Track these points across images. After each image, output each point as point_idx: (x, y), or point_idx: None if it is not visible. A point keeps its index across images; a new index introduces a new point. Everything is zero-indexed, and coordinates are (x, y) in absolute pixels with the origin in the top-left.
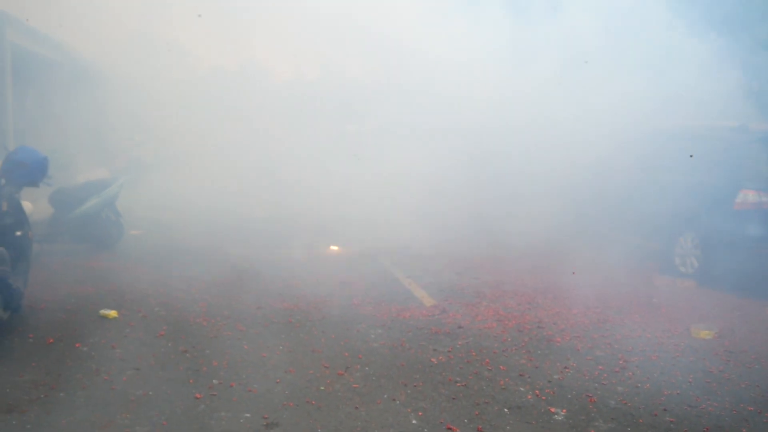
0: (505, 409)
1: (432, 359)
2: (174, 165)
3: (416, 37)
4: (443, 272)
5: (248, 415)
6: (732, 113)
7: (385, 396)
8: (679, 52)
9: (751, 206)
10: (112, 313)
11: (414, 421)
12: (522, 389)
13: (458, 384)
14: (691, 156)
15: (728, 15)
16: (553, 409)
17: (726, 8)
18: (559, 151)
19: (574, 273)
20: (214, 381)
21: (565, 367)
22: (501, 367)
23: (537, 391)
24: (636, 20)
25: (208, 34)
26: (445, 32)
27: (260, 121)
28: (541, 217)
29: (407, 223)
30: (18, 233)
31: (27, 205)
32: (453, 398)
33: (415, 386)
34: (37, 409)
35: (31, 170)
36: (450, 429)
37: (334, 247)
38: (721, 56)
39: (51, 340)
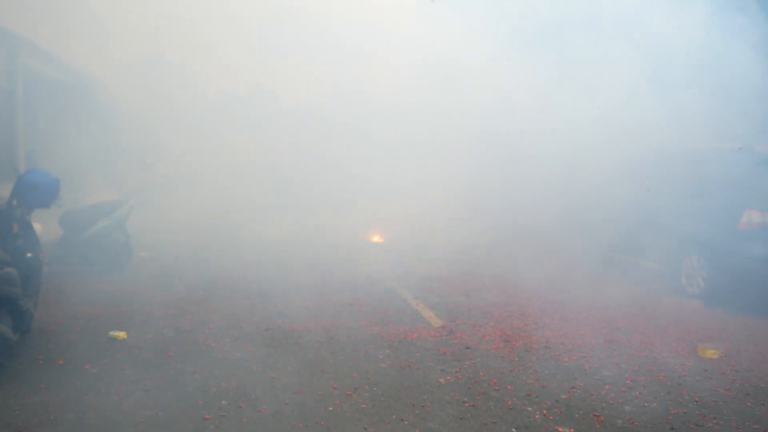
0: (513, 429)
1: (440, 380)
2: (183, 186)
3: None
4: (451, 293)
5: None
6: (736, 134)
7: (394, 416)
8: (689, 74)
9: (756, 226)
10: (122, 335)
11: None
12: (530, 409)
13: (466, 404)
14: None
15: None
16: (560, 429)
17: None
18: (566, 174)
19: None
20: (223, 402)
21: (573, 387)
22: (508, 387)
23: (545, 411)
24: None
25: (217, 57)
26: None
27: (269, 141)
28: (548, 239)
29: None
30: (29, 255)
31: (37, 227)
32: (461, 418)
33: (423, 406)
34: (47, 430)
35: (43, 192)
36: None
37: (340, 269)
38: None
39: (61, 362)
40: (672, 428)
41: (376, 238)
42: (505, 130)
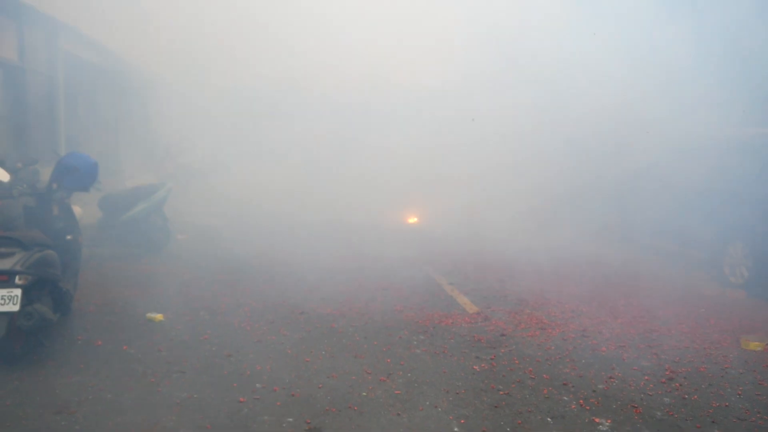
0: (549, 419)
1: (474, 367)
2: (221, 171)
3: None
4: (486, 279)
5: (291, 419)
6: None
7: (427, 403)
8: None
9: None
10: (159, 317)
11: (456, 429)
12: (566, 398)
13: (501, 392)
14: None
15: None
16: (597, 420)
17: None
18: (610, 159)
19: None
20: (257, 385)
21: (610, 377)
22: (544, 375)
23: (581, 401)
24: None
25: (254, 42)
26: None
27: (306, 127)
28: (585, 225)
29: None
30: (68, 237)
31: (77, 210)
32: (495, 406)
33: (457, 393)
34: (85, 410)
35: (82, 175)
36: None
37: (374, 253)
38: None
39: (99, 343)
40: (713, 422)
41: (412, 221)
42: (558, 118)
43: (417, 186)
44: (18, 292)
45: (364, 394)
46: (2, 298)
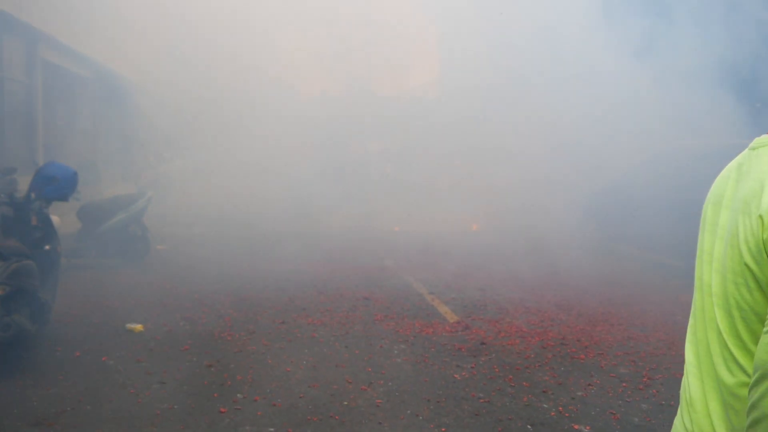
0: (528, 426)
1: (455, 375)
2: (200, 180)
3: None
4: (466, 288)
5: (272, 429)
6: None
7: (408, 412)
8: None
9: None
10: (138, 327)
11: None
12: (545, 406)
13: (481, 400)
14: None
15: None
16: (576, 426)
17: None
18: (583, 167)
19: (595, 289)
20: (238, 395)
21: (589, 384)
22: (524, 383)
23: (560, 408)
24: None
25: (233, 48)
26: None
27: (286, 135)
28: (563, 234)
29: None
30: (47, 247)
31: (55, 220)
32: (476, 414)
33: (438, 402)
34: (64, 422)
35: (61, 185)
36: None
37: (356, 262)
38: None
39: (78, 354)
40: None
41: (396, 228)
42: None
43: (400, 192)
44: None
45: (346, 403)
46: None
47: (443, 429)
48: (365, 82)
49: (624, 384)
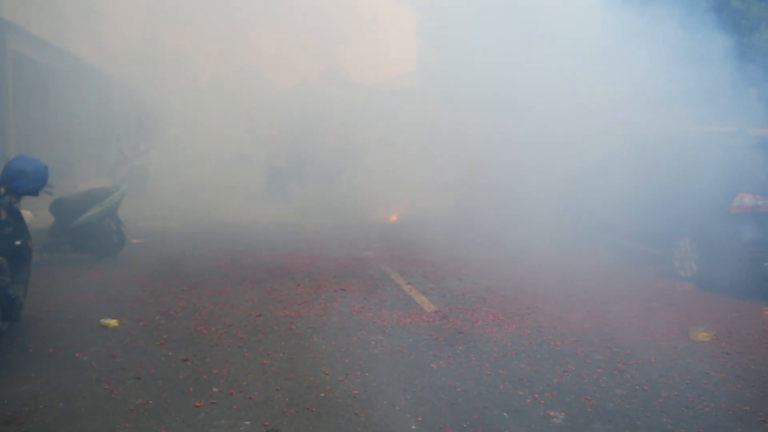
0: (504, 413)
1: (432, 365)
2: (177, 173)
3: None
4: (444, 278)
5: (248, 422)
6: (730, 117)
7: (385, 402)
8: (677, 56)
9: (748, 209)
10: (113, 322)
11: (413, 427)
12: (521, 393)
13: (458, 389)
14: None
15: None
16: (551, 413)
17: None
18: (557, 155)
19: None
20: (214, 389)
21: (565, 371)
22: (500, 371)
23: (536, 395)
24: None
25: (211, 41)
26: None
27: (263, 127)
28: (539, 222)
29: (407, 229)
30: (17, 242)
31: (27, 215)
32: (452, 403)
33: (414, 392)
34: (36, 419)
35: (31, 179)
36: None
37: (334, 254)
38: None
39: (51, 350)
40: (663, 411)
41: (378, 219)
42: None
43: (380, 182)
44: None
45: (322, 395)
46: None
47: (419, 418)
48: (343, 73)
49: (599, 370)
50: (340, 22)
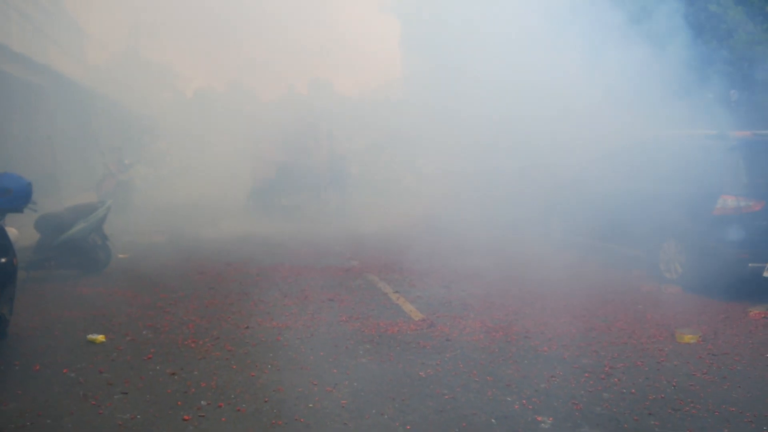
0: (492, 420)
1: (420, 373)
2: (162, 187)
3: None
4: (431, 286)
5: None
6: (710, 121)
7: (374, 411)
8: (656, 60)
9: (730, 211)
10: (100, 338)
11: None
12: (509, 399)
13: (446, 396)
14: None
15: (705, 26)
16: (539, 418)
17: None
18: (540, 159)
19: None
20: (202, 402)
21: (552, 376)
22: (488, 378)
23: (524, 401)
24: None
25: (196, 55)
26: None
27: (249, 139)
28: (525, 228)
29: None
30: (2, 260)
31: (12, 232)
32: (440, 411)
33: (402, 400)
34: None
35: (15, 196)
36: None
37: (321, 264)
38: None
39: (37, 367)
40: (650, 413)
41: (364, 229)
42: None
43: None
44: None
45: (311, 405)
46: None
47: (408, 427)
48: (328, 84)
49: (586, 374)
50: (324, 32)
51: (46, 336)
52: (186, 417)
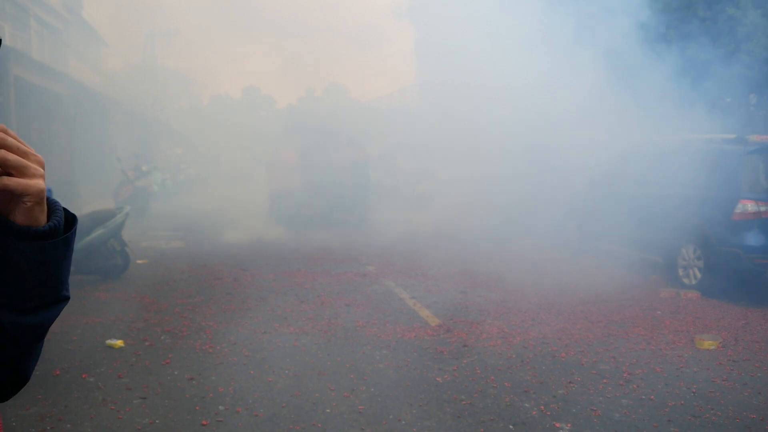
0: (510, 426)
1: (437, 378)
2: (180, 193)
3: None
4: (448, 291)
5: None
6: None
7: (391, 416)
8: (676, 64)
9: (750, 216)
10: (119, 343)
11: None
12: (527, 405)
13: (463, 402)
14: None
15: (723, 30)
16: (558, 424)
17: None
18: (558, 164)
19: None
20: (220, 407)
21: (570, 382)
22: (506, 383)
23: (542, 407)
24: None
25: (212, 62)
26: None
27: (266, 146)
28: (542, 233)
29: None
30: None
31: None
32: (458, 416)
33: (420, 406)
34: None
35: None
36: None
37: (337, 270)
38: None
39: (57, 372)
40: (669, 420)
41: (380, 234)
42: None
43: (381, 197)
44: None
45: (328, 410)
46: None
47: None
48: (343, 89)
49: (604, 380)
50: (338, 38)
51: (66, 341)
52: (204, 422)
